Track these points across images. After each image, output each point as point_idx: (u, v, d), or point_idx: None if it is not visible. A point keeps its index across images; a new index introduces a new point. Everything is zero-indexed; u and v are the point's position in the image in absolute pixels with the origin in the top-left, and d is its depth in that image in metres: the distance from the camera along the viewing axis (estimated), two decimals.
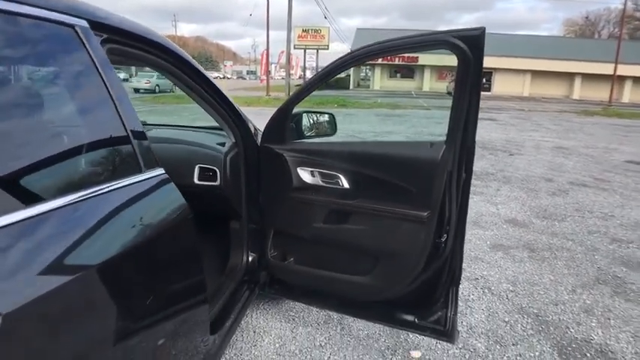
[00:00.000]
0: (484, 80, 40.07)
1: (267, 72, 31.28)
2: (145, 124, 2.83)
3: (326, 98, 21.52)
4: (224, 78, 66.91)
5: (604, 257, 3.73)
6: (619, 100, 33.97)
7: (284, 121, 2.11)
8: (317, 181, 2.08)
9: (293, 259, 2.28)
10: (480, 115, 1.84)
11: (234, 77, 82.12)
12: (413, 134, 11.79)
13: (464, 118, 1.72)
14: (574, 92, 40.03)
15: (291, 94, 1.95)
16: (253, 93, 27.94)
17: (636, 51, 36.23)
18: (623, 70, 31.09)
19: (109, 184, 1.16)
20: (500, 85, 40.86)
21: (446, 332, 1.98)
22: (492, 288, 3.15)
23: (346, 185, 2.01)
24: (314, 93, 2.23)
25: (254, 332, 2.58)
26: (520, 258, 3.69)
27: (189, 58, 1.74)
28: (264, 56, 32.86)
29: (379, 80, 43.15)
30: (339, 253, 2.12)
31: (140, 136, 1.30)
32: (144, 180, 1.29)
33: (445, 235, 1.87)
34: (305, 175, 2.10)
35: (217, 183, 2.21)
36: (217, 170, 2.20)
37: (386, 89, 40.15)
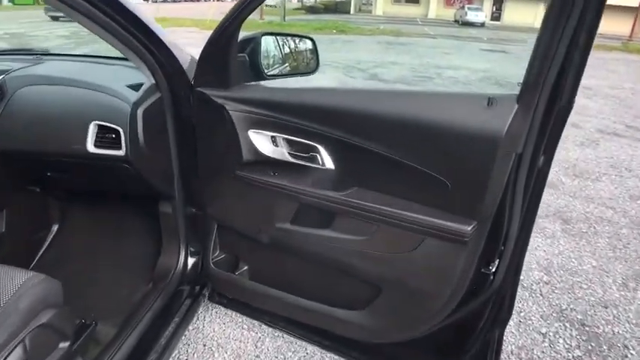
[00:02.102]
0: (493, 9, 38.09)
1: None
2: (31, 52, 1.95)
3: (324, 22, 19.98)
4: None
5: None
6: (638, 35, 32.15)
7: (227, 51, 1.26)
8: (281, 153, 1.28)
9: (247, 267, 1.53)
10: (490, 46, 1.01)
11: None
12: (418, 66, 10.72)
13: (559, 61, 0.89)
14: None
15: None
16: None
17: None
18: None
19: None
20: (511, 15, 38.54)
21: None
22: (522, 278, 2.43)
23: (329, 165, 1.21)
24: (310, 17, 1.37)
25: (204, 346, 1.87)
26: (552, 232, 2.95)
27: None
28: None
29: (382, 5, 40.56)
30: (316, 269, 1.36)
31: None
32: None
33: (497, 260, 1.10)
34: (262, 142, 1.29)
35: (120, 153, 1.40)
36: (121, 131, 1.38)
37: (389, 15, 37.82)
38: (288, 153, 1.27)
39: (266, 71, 1.40)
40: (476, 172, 1.01)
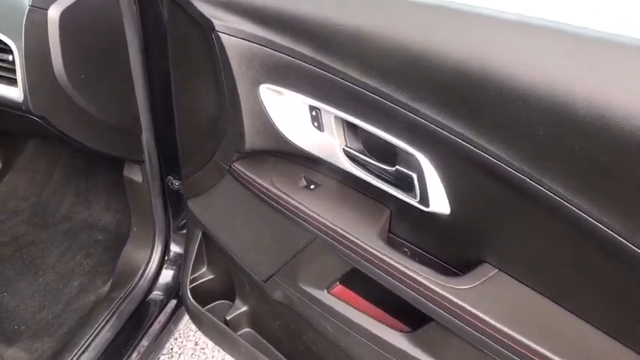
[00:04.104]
0: None
1: None
2: None
3: None
4: None
5: None
6: None
7: None
8: (331, 149, 0.73)
9: (245, 310, 1.01)
10: None
11: None
12: None
13: None
14: None
15: None
16: None
17: None
18: None
19: None
20: None
21: None
22: None
23: (439, 205, 0.64)
24: None
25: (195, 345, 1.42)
26: None
27: None
28: None
29: None
30: None
31: None
32: None
33: None
34: (287, 114, 0.74)
35: (13, 93, 0.86)
36: (14, 49, 0.83)
37: None
38: (348, 152, 0.72)
39: None
40: None
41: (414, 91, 0.58)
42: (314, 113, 0.72)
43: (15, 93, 0.85)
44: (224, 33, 0.71)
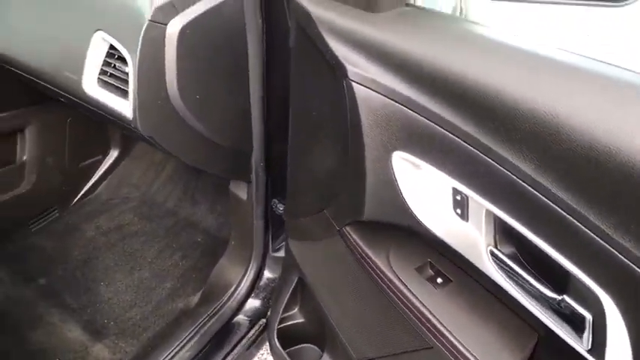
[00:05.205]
0: None
1: None
2: None
3: None
4: None
5: None
6: None
7: None
8: (474, 245, 0.56)
9: None
10: None
11: None
12: None
13: None
14: None
15: None
16: None
17: None
18: None
19: None
20: None
21: None
22: None
23: (621, 344, 0.44)
24: None
25: None
26: None
27: None
28: None
29: None
30: None
31: None
32: None
33: None
34: (422, 189, 0.59)
35: (124, 108, 0.80)
36: (129, 62, 0.77)
37: None
38: (495, 255, 0.55)
39: None
40: None
41: (610, 210, 0.40)
42: (459, 198, 0.55)
43: (126, 108, 0.80)
44: (358, 83, 0.57)
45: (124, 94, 0.81)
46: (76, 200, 1.55)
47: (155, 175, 1.59)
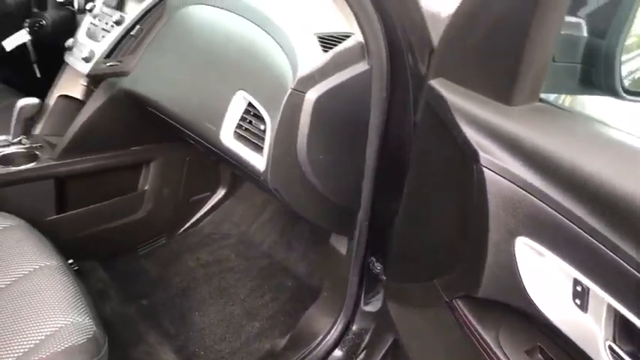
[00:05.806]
0: None
1: None
2: None
3: None
4: None
5: None
6: None
7: (529, 17, 0.56)
8: (589, 329, 0.55)
9: None
10: None
11: None
12: None
13: None
14: None
15: None
16: None
17: None
18: None
19: None
20: None
21: None
22: None
23: None
24: None
25: None
26: None
27: None
28: None
29: None
30: None
31: None
32: None
33: None
34: (542, 276, 0.59)
35: (259, 163, 0.89)
36: (267, 122, 0.86)
37: None
38: (614, 351, 0.53)
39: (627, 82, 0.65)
40: None
41: None
42: (579, 289, 0.56)
43: (260, 162, 0.89)
44: (489, 169, 0.60)
45: (256, 148, 0.91)
46: (181, 230, 1.69)
47: (255, 216, 1.70)
